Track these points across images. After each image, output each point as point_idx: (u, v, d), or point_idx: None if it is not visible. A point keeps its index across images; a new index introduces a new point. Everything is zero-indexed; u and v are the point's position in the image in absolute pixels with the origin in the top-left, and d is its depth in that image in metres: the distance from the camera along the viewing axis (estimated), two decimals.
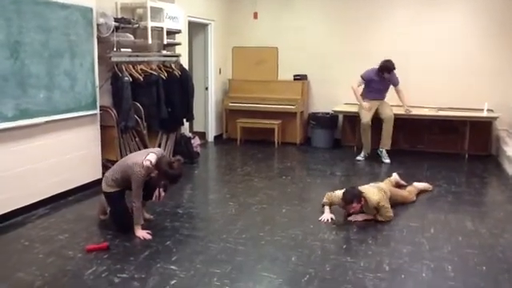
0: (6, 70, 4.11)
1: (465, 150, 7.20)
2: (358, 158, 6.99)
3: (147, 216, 4.32)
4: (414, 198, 5.03)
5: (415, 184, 5.33)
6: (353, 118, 7.58)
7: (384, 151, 6.88)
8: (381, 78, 6.78)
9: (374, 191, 4.40)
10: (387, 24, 7.74)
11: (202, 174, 6.45)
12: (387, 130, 6.86)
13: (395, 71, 6.75)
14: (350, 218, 4.37)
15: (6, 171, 4.25)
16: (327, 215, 4.43)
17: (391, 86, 6.96)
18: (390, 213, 4.37)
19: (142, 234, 3.91)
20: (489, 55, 7.32)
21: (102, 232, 4.09)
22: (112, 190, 4.02)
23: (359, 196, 4.27)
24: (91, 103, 5.18)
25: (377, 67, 6.76)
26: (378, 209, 4.31)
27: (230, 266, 3.42)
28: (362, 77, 6.84)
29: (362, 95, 6.98)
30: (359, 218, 4.36)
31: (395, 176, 5.43)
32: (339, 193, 4.45)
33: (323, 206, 4.56)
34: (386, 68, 6.68)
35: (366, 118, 6.87)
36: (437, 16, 7.51)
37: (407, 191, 5.08)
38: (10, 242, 3.85)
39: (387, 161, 6.78)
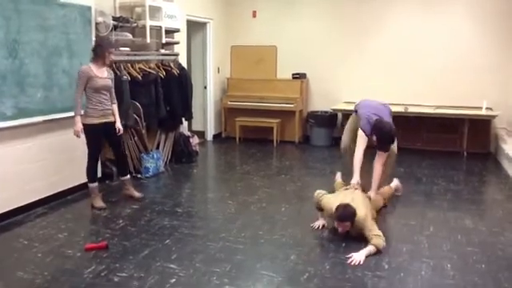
0: (4, 69, 4.10)
1: (463, 148, 7.20)
2: None
3: (137, 194, 4.91)
4: (381, 204, 4.57)
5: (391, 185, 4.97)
6: None
7: None
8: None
9: (359, 205, 3.87)
10: (386, 22, 7.74)
11: (200, 172, 6.45)
12: (389, 166, 4.90)
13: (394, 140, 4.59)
14: (351, 261, 3.48)
15: (5, 170, 4.25)
16: (321, 221, 4.10)
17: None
18: (379, 233, 3.72)
19: (78, 128, 4.38)
20: (488, 53, 7.31)
21: (100, 231, 4.09)
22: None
23: (354, 215, 3.74)
24: None
25: (373, 120, 4.49)
26: (363, 227, 3.75)
27: (229, 265, 3.42)
28: (364, 131, 4.51)
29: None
30: (362, 257, 3.53)
31: (396, 182, 5.04)
32: (330, 200, 4.02)
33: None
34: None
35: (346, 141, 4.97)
36: (436, 15, 7.49)
37: (380, 195, 4.57)
38: (9, 241, 3.84)
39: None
